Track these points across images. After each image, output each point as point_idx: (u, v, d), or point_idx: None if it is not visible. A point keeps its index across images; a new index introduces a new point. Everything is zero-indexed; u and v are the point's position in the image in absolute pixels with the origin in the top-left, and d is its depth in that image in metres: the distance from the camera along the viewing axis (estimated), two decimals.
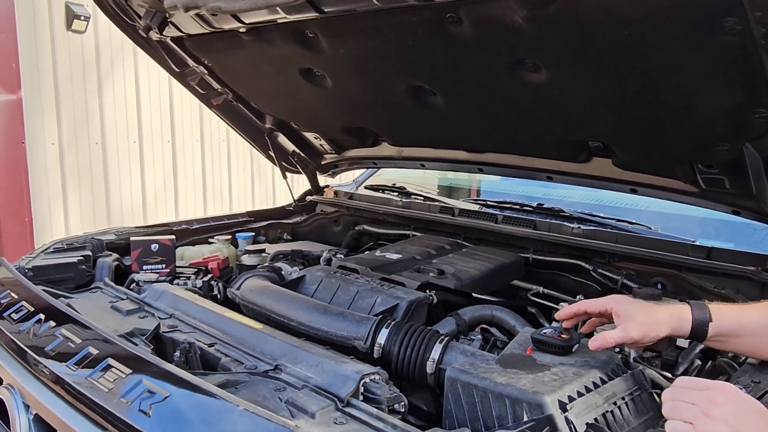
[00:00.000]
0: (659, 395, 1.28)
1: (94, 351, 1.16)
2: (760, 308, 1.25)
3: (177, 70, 2.41)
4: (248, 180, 5.45)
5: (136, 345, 1.28)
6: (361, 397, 1.24)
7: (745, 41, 1.16)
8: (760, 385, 1.12)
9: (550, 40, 1.46)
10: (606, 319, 1.34)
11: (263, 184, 5.59)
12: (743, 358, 1.36)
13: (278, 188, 5.64)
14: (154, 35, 2.19)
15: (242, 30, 1.94)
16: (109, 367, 1.09)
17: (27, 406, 1.15)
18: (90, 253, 2.08)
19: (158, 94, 4.67)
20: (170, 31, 2.12)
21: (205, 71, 2.40)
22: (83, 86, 4.23)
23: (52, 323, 1.32)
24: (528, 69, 1.60)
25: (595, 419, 1.13)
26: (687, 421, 0.90)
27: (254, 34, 1.96)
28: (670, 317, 1.23)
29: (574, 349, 1.32)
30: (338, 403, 1.19)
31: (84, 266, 2.01)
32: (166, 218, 4.56)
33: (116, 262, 2.12)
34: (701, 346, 1.53)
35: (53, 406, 1.09)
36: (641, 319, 1.23)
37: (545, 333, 1.34)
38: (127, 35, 2.28)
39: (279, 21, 1.77)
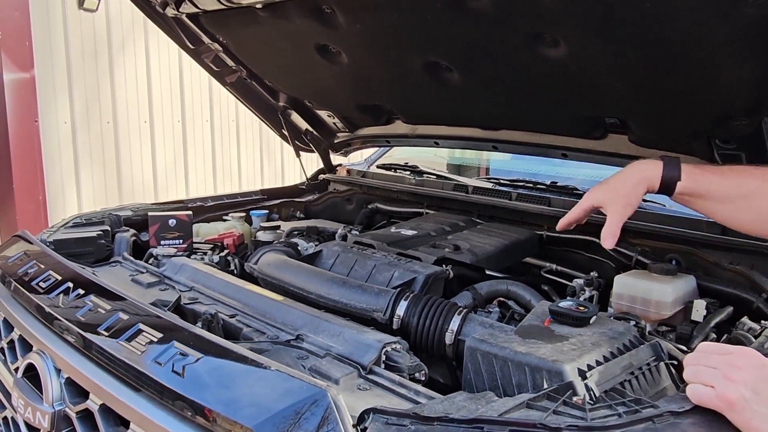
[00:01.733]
0: (675, 367, 1.30)
1: (124, 317, 1.18)
2: (730, 177, 1.28)
3: (192, 47, 2.41)
4: (257, 159, 5.46)
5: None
6: (383, 365, 1.26)
7: (767, 12, 1.16)
8: None
9: (570, 13, 1.46)
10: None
11: (272, 164, 5.60)
12: (759, 331, 1.37)
13: (287, 168, 5.66)
14: (171, 11, 2.20)
15: (259, 6, 1.94)
16: (139, 332, 1.12)
17: (58, 370, 1.18)
18: (108, 228, 2.11)
19: (168, 75, 4.68)
20: (186, 7, 2.12)
21: (220, 48, 2.41)
22: (95, 65, 4.24)
23: (81, 291, 1.34)
24: (546, 44, 1.60)
25: (613, 387, 1.15)
26: (708, 384, 0.91)
27: (271, 10, 1.96)
28: (639, 178, 1.31)
29: (591, 321, 1.34)
30: (361, 370, 1.22)
31: (103, 241, 2.04)
32: (177, 196, 4.59)
33: (134, 238, 2.14)
34: (717, 320, 1.54)
35: (85, 370, 1.12)
36: (617, 195, 1.32)
37: (562, 305, 1.36)
38: (143, 11, 2.29)
39: None
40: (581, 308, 1.35)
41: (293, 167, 5.47)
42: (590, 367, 1.18)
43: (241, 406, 0.90)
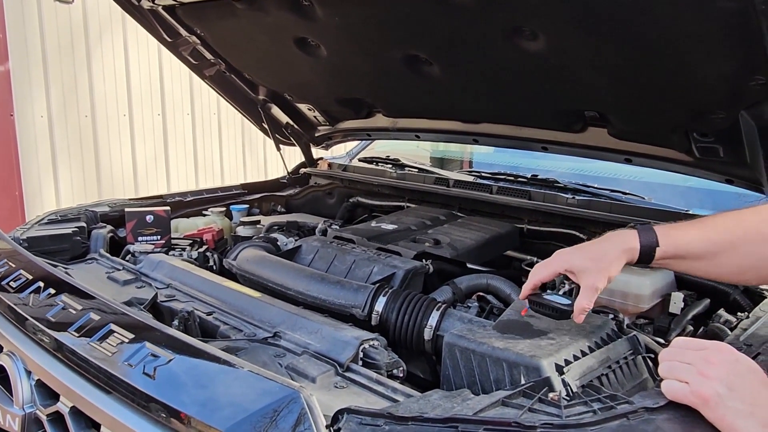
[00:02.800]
0: (653, 360, 1.31)
1: (95, 317, 1.16)
2: (708, 231, 1.22)
3: (169, 40, 2.38)
4: (239, 153, 5.42)
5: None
6: (360, 363, 1.25)
7: (745, 6, 1.16)
8: (752, 348, 1.15)
9: (550, 6, 1.45)
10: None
11: (254, 158, 5.56)
12: (735, 324, 1.38)
13: (269, 161, 5.62)
14: (146, 3, 2.16)
15: None
16: (110, 332, 1.10)
17: (29, 372, 1.16)
18: (84, 224, 2.08)
19: (148, 67, 4.61)
20: (162, 0, 2.09)
21: (198, 41, 2.37)
22: (72, 58, 4.16)
23: (52, 291, 1.32)
24: (526, 37, 1.59)
25: (591, 382, 1.15)
26: (683, 380, 0.92)
27: (248, 3, 1.93)
28: (619, 251, 1.22)
29: (571, 316, 1.33)
30: (338, 368, 1.21)
31: (79, 237, 2.00)
32: (158, 191, 4.54)
33: (110, 234, 2.11)
34: (693, 312, 1.56)
35: (55, 372, 1.10)
36: (596, 266, 1.22)
37: (545, 297, 1.34)
38: (118, 3, 2.25)
39: None
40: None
41: (276, 161, 5.42)
42: (567, 362, 1.18)
43: (214, 408, 0.89)
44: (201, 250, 2.08)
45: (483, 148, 2.94)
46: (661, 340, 1.44)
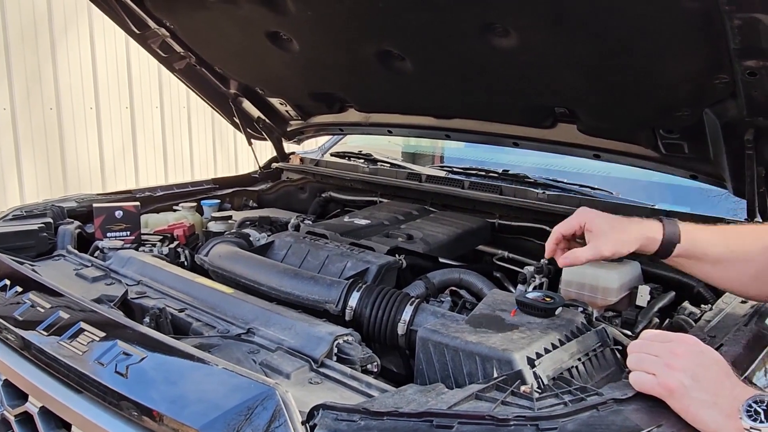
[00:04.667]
0: (620, 352, 1.34)
1: (64, 315, 1.14)
2: (728, 238, 1.25)
3: (137, 32, 2.34)
4: (210, 147, 5.35)
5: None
6: (334, 358, 1.26)
7: (709, 7, 1.19)
8: (716, 339, 1.18)
9: (520, 4, 1.47)
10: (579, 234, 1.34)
11: (225, 152, 5.50)
12: (699, 316, 1.42)
13: (240, 156, 5.57)
14: None
15: None
16: (81, 331, 1.08)
17: None
18: (51, 220, 2.03)
19: (115, 59, 4.51)
20: None
21: (167, 34, 2.34)
22: (35, 49, 4.05)
23: (19, 288, 1.29)
24: (497, 34, 1.61)
25: (561, 374, 1.18)
26: (650, 372, 0.94)
27: None
28: (640, 235, 1.24)
29: (557, 312, 1.35)
30: (313, 363, 1.21)
31: (45, 234, 1.96)
32: (126, 186, 4.46)
33: (78, 230, 2.07)
34: (660, 305, 1.59)
35: (24, 371, 1.08)
36: (613, 235, 1.24)
37: (530, 296, 1.37)
38: None
39: None
40: (547, 299, 1.37)
41: (247, 155, 5.38)
42: (539, 355, 1.20)
43: (187, 406, 0.88)
44: (172, 246, 2.06)
45: (454, 144, 2.96)
46: (629, 332, 1.48)
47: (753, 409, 0.85)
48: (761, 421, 0.83)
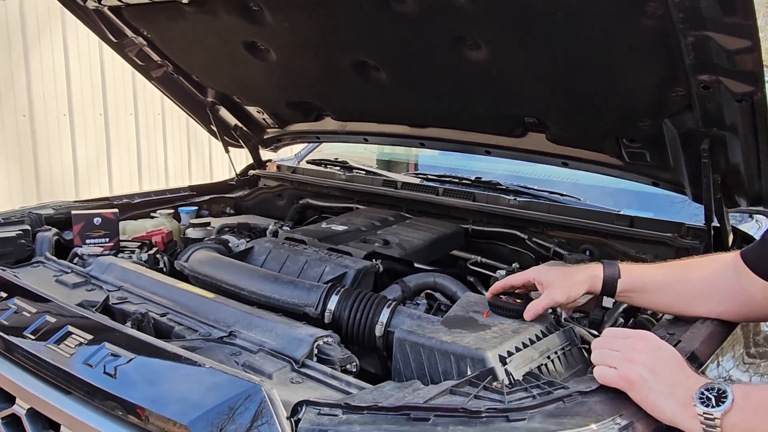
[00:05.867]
0: (587, 350, 1.41)
1: (51, 320, 1.17)
2: (663, 268, 1.41)
3: (115, 40, 2.36)
4: (185, 155, 5.34)
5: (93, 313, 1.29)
6: (315, 359, 1.30)
7: (665, 24, 1.27)
8: (674, 336, 1.26)
9: (490, 19, 1.54)
10: (531, 288, 1.46)
11: (200, 159, 5.49)
12: (660, 315, 1.50)
13: (215, 163, 5.57)
14: (91, 4, 2.14)
15: (184, 1, 1.93)
16: (68, 334, 1.11)
17: None
18: (29, 227, 2.03)
19: (89, 65, 4.49)
20: (109, 0, 2.07)
21: (145, 42, 2.36)
22: (8, 55, 4.02)
23: (3, 294, 1.31)
24: (469, 47, 1.68)
25: (531, 371, 1.24)
26: (612, 366, 1.01)
27: (197, 6, 1.94)
28: (585, 277, 1.38)
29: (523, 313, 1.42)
30: (294, 364, 1.25)
31: (23, 240, 1.97)
32: (100, 193, 4.43)
33: (56, 237, 2.08)
34: (624, 306, 1.67)
35: (10, 374, 1.10)
36: (561, 283, 1.37)
37: (501, 298, 1.44)
38: (62, 3, 2.21)
39: None
40: (518, 300, 1.44)
41: (222, 162, 5.38)
42: (510, 353, 1.26)
43: (176, 404, 0.92)
44: (151, 252, 2.08)
45: (428, 151, 3.03)
46: (595, 332, 1.55)
47: (705, 396, 0.92)
48: (712, 407, 0.91)
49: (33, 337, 1.12)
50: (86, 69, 4.48)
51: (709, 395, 0.92)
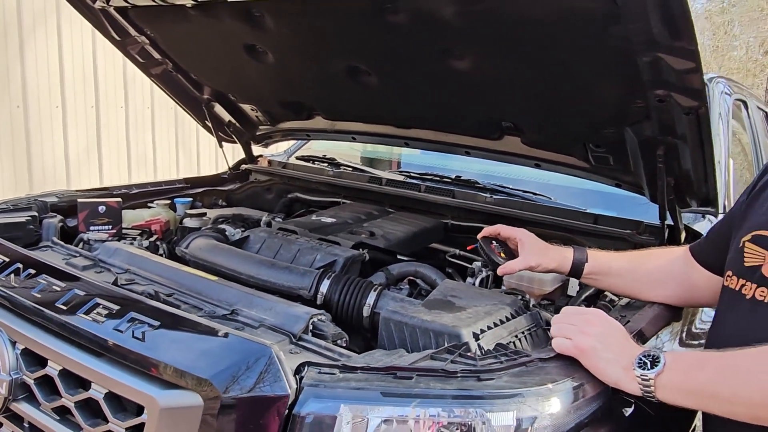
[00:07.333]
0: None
1: (80, 292, 1.31)
2: (627, 256, 1.62)
3: (118, 38, 2.47)
4: (172, 147, 5.44)
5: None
6: (310, 334, 1.45)
7: (626, 45, 1.44)
8: (626, 317, 1.44)
9: (474, 33, 1.70)
10: (512, 244, 1.68)
11: (187, 152, 5.59)
12: (618, 301, 1.69)
13: (202, 157, 5.66)
14: (99, 3, 2.26)
15: (190, 5, 2.06)
16: (97, 305, 1.25)
17: (13, 342, 1.29)
18: (36, 213, 2.16)
19: (82, 60, 4.57)
20: (116, 1, 2.19)
21: (147, 41, 2.48)
22: (5, 47, 4.10)
23: (32, 271, 1.45)
24: (454, 57, 1.84)
25: (500, 343, 1.41)
26: (568, 337, 1.19)
27: (202, 9, 2.07)
28: (557, 255, 1.59)
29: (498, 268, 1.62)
30: (292, 337, 1.40)
31: (32, 226, 2.09)
32: (90, 184, 4.53)
33: (61, 224, 2.20)
34: (586, 294, 1.86)
35: (44, 341, 1.24)
36: (538, 252, 1.59)
37: (492, 244, 1.67)
38: (69, 1, 2.32)
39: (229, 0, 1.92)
40: (502, 255, 1.66)
41: (208, 156, 5.49)
42: (483, 331, 1.44)
43: (198, 362, 1.08)
44: (151, 239, 2.22)
45: (410, 150, 3.20)
46: None
47: (642, 361, 1.10)
48: (648, 369, 1.09)
49: (65, 308, 1.26)
50: (79, 63, 4.57)
51: (646, 360, 1.10)
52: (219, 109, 2.88)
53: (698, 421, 1.38)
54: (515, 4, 1.53)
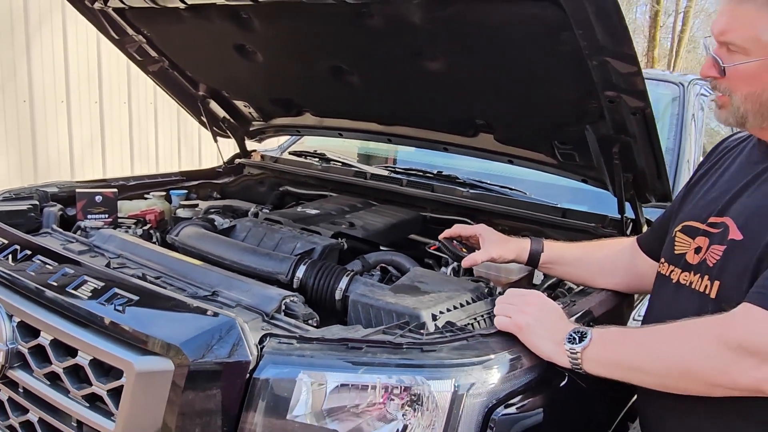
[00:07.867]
0: None
1: (70, 270, 1.44)
2: (580, 246, 1.74)
3: (116, 37, 2.61)
4: (174, 142, 5.59)
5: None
6: (282, 313, 1.58)
7: (577, 50, 1.56)
8: (575, 302, 1.56)
9: (442, 37, 1.82)
10: (473, 240, 1.80)
11: (189, 147, 5.74)
12: (575, 290, 1.81)
13: (203, 151, 5.81)
14: (98, 4, 2.39)
15: (183, 7, 2.19)
16: (84, 282, 1.38)
17: (10, 316, 1.43)
18: (37, 202, 2.29)
19: (86, 56, 4.73)
20: (114, 2, 2.33)
21: (144, 40, 2.61)
22: (11, 44, 4.25)
23: (28, 252, 1.58)
24: (426, 58, 1.96)
25: (451, 322, 1.53)
26: (507, 315, 1.31)
27: (194, 12, 2.20)
28: (516, 246, 1.71)
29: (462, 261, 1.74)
30: (265, 316, 1.53)
31: (33, 214, 2.23)
32: (93, 176, 4.67)
33: (60, 212, 2.34)
34: (549, 283, 1.98)
35: (36, 313, 1.37)
36: (498, 244, 1.71)
37: (453, 242, 1.78)
38: (70, 1, 2.46)
39: (218, 3, 2.04)
40: (464, 250, 1.79)
41: (210, 150, 5.64)
42: (441, 313, 1.56)
43: (171, 331, 1.20)
44: (145, 228, 2.35)
45: (406, 147, 3.31)
46: None
47: (572, 336, 1.22)
48: (576, 343, 1.21)
49: (56, 285, 1.40)
50: (84, 60, 4.71)
51: (575, 336, 1.22)
52: (214, 105, 3.00)
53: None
54: (476, 11, 1.64)
